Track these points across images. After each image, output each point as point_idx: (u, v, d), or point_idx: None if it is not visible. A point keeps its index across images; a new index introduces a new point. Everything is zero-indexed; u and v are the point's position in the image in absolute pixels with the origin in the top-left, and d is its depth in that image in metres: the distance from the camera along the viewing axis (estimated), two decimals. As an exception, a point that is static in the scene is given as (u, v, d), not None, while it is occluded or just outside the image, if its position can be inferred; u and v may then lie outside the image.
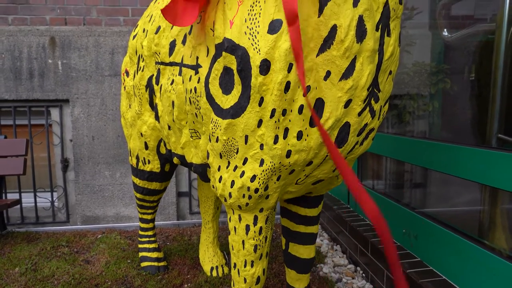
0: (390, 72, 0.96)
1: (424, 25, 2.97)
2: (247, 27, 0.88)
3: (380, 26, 0.87)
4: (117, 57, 2.88)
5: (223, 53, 0.93)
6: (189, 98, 1.13)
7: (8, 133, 3.01)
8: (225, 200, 1.09)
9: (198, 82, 1.07)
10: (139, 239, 2.03)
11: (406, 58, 2.95)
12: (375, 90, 0.93)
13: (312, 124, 0.92)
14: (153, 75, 1.43)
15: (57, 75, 2.86)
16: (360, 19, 0.84)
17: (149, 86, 1.47)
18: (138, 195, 1.84)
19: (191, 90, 1.10)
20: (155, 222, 2.95)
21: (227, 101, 0.96)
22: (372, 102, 0.94)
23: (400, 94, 2.85)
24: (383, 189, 2.50)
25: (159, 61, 1.34)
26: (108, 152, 2.92)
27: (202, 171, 1.26)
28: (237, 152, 0.99)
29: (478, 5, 2.31)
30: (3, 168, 2.59)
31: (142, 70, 1.50)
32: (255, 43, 0.87)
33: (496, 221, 1.55)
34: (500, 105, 1.35)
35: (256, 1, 0.89)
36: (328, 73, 0.87)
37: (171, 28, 1.26)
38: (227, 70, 0.94)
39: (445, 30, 1.94)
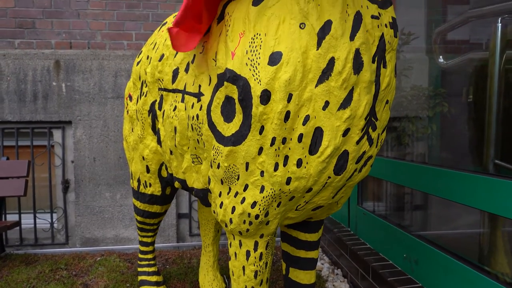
0: (387, 102, 0.99)
1: (421, 50, 3.03)
2: (248, 58, 0.92)
3: (376, 58, 0.91)
4: (120, 80, 2.93)
5: (225, 82, 0.96)
6: (191, 124, 1.15)
7: (10, 153, 3.03)
8: (226, 225, 1.10)
9: (200, 109, 1.09)
10: (139, 262, 2.02)
11: (404, 82, 3.00)
12: (373, 119, 0.96)
13: (311, 152, 0.94)
14: (156, 100, 1.47)
15: (61, 97, 2.91)
16: (357, 52, 0.87)
17: (151, 111, 1.50)
18: (139, 218, 1.84)
19: (193, 117, 1.13)
20: (155, 245, 2.94)
21: (228, 129, 0.98)
22: (370, 130, 0.96)
23: (399, 117, 2.89)
24: (383, 212, 2.50)
25: (162, 87, 1.38)
26: (109, 174, 2.93)
27: (203, 196, 1.28)
28: (238, 179, 1.01)
29: (474, 31, 2.38)
30: (4, 189, 2.59)
31: (145, 96, 1.53)
32: (256, 74, 0.90)
33: (497, 245, 1.55)
34: (496, 131, 1.37)
35: (257, 34, 0.92)
36: (327, 103, 0.89)
37: (174, 57, 1.30)
38: (228, 99, 0.97)
39: (440, 57, 1.99)
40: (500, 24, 1.30)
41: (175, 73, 1.28)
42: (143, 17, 3.01)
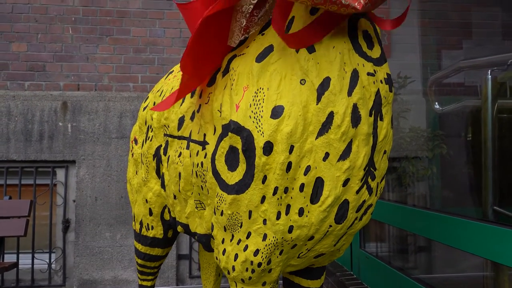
0: (385, 152, 1.03)
1: (418, 92, 3.12)
2: (252, 111, 0.97)
3: (373, 112, 0.96)
4: (125, 121, 3.01)
5: (229, 133, 1.01)
6: (196, 171, 1.19)
7: (13, 192, 3.04)
8: (228, 273, 1.10)
9: (205, 157, 1.13)
10: (138, 307, 1.98)
11: (402, 123, 3.06)
12: (371, 169, 0.99)
13: (312, 201, 0.96)
14: (161, 145, 1.51)
15: (66, 137, 2.97)
16: (355, 107, 0.92)
17: (156, 155, 1.54)
18: (140, 261, 1.83)
19: (198, 164, 1.17)
20: (154, 287, 2.88)
21: (232, 177, 1.02)
22: (369, 180, 1.00)
23: (399, 157, 2.92)
24: (386, 254, 2.47)
25: (168, 133, 1.43)
26: (110, 213, 2.93)
27: (206, 241, 1.28)
28: (241, 226, 1.03)
29: (468, 74, 2.46)
30: (4, 229, 2.58)
31: (151, 140, 1.58)
32: (259, 126, 0.95)
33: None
34: (493, 177, 1.40)
35: (260, 88, 0.98)
36: (327, 155, 0.93)
37: (180, 105, 1.36)
38: (232, 149, 1.01)
39: (436, 103, 2.06)
40: (490, 76, 1.37)
41: (181, 121, 1.33)
42: (149, 60, 3.13)
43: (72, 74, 3.08)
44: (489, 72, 1.36)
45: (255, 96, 0.98)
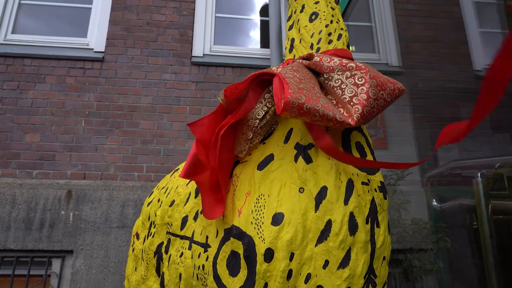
0: (384, 258, 1.04)
1: (417, 182, 3.18)
2: (253, 217, 1.01)
3: (369, 219, 1.00)
4: (127, 210, 3.02)
5: (231, 238, 1.03)
6: (197, 274, 1.18)
7: (4, 282, 2.93)
8: None
9: (206, 260, 1.14)
10: None
11: (404, 214, 3.07)
12: (372, 276, 1.00)
13: (314, 310, 0.95)
14: (163, 243, 1.52)
15: (67, 226, 2.96)
16: (351, 215, 0.97)
17: (157, 252, 1.54)
18: None
19: (199, 267, 1.17)
20: None
21: (233, 283, 1.02)
22: (370, 288, 0.99)
23: (404, 250, 2.86)
24: None
25: (171, 231, 1.45)
26: (103, 309, 2.78)
27: None
28: (241, 336, 1.00)
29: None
30: (-10, 327, 2.44)
31: (153, 236, 1.59)
32: (260, 232, 0.98)
33: None
34: (497, 277, 1.38)
35: (261, 195, 1.03)
36: (327, 262, 0.95)
37: (185, 204, 1.40)
38: (234, 254, 1.03)
39: (434, 200, 2.11)
40: (480, 179, 1.43)
41: (184, 221, 1.36)
42: (155, 151, 3.27)
43: (80, 163, 3.19)
44: (479, 175, 1.42)
45: (256, 202, 1.03)
